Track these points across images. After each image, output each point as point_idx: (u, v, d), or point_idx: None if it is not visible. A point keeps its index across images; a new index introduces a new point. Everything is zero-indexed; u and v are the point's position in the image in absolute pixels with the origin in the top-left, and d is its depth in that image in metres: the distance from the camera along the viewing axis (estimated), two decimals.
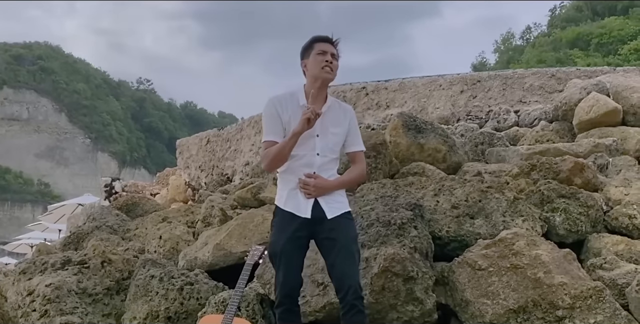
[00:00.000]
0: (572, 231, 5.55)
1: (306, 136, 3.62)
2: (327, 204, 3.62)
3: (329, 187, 3.64)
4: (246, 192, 7.86)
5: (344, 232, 3.59)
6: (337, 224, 3.59)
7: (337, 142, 3.73)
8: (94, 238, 7.24)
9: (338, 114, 3.76)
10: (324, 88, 3.74)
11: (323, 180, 3.62)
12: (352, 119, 3.82)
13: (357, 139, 3.82)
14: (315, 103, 3.67)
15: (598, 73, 10.34)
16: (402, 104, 11.17)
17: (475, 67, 53.09)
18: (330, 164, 3.70)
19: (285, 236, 3.62)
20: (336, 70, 3.73)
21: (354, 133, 3.81)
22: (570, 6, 53.49)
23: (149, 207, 10.44)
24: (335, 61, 3.71)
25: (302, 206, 3.62)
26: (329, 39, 3.76)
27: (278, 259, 3.63)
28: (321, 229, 3.59)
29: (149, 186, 17.46)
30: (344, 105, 3.93)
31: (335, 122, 3.72)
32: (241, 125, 13.88)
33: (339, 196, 3.70)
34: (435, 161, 7.34)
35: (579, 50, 39.57)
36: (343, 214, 3.64)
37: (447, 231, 5.34)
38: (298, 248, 3.63)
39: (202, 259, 5.99)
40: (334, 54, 3.71)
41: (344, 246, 3.55)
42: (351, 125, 3.79)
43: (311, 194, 3.60)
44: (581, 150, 7.62)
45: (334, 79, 3.74)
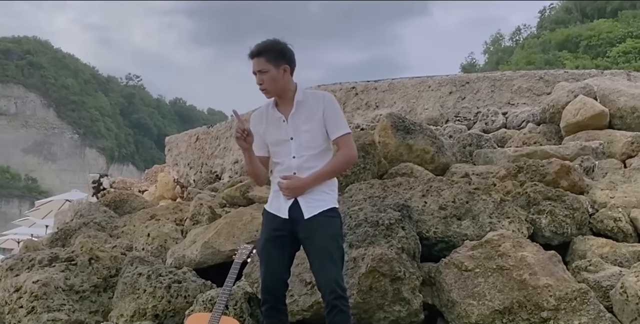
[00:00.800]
0: (557, 233, 5.61)
1: (282, 142, 3.68)
2: (306, 204, 3.61)
3: (304, 185, 3.61)
4: (235, 190, 7.88)
5: (322, 231, 3.57)
6: (315, 223, 3.58)
7: (312, 137, 3.66)
8: (82, 235, 7.25)
9: (310, 108, 3.67)
10: (283, 95, 3.69)
11: (296, 180, 3.61)
12: (327, 106, 3.68)
13: (337, 125, 3.68)
14: (285, 107, 3.69)
15: (585, 76, 10.42)
16: (392, 104, 11.21)
17: (464, 68, 53.27)
18: (311, 162, 3.65)
19: (266, 235, 3.68)
20: (270, 82, 3.62)
21: (331, 120, 3.67)
22: (560, 8, 53.77)
23: (137, 204, 10.44)
24: (264, 75, 3.61)
25: (281, 206, 3.66)
26: (250, 56, 3.67)
27: (260, 258, 3.70)
28: (300, 228, 3.61)
29: (137, 183, 17.42)
30: (318, 94, 3.79)
31: (306, 118, 3.66)
32: (231, 123, 13.87)
33: (321, 194, 3.65)
34: (423, 162, 7.38)
35: (568, 52, 39.79)
36: (323, 212, 3.61)
37: (434, 231, 5.38)
38: (278, 247, 3.65)
39: (190, 257, 6.00)
40: (259, 70, 3.61)
41: (322, 245, 3.55)
42: (327, 113, 3.66)
43: (288, 195, 3.62)
44: (568, 153, 7.68)
45: (276, 90, 3.66)
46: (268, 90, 3.65)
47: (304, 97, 3.71)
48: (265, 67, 3.62)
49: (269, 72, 3.62)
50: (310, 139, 3.66)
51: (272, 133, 3.70)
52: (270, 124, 3.71)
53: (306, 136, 3.66)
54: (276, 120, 3.71)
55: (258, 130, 3.72)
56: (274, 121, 3.71)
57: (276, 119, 3.71)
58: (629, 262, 5.20)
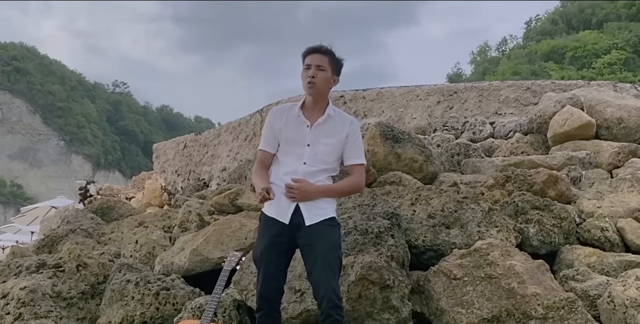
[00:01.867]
0: (545, 242, 5.65)
1: (297, 146, 3.71)
2: (308, 211, 3.64)
3: (315, 192, 3.65)
4: (223, 198, 7.87)
5: (323, 240, 3.60)
6: (315, 231, 3.61)
7: (328, 152, 3.72)
8: (70, 242, 7.21)
9: (336, 125, 3.75)
10: (318, 100, 3.76)
11: (308, 184, 3.64)
12: (352, 131, 3.77)
13: (356, 152, 3.78)
14: (312, 114, 3.74)
15: (572, 87, 10.49)
16: (380, 113, 11.24)
17: (450, 78, 53.66)
18: (319, 174, 3.70)
19: (266, 241, 3.67)
20: (323, 81, 3.70)
21: (352, 145, 3.76)
22: (546, 19, 54.32)
23: (124, 211, 10.40)
24: (321, 72, 3.69)
25: (282, 211, 3.66)
26: (316, 50, 3.74)
27: (258, 264, 3.68)
28: (300, 235, 3.63)
29: (124, 190, 17.33)
30: (346, 117, 3.89)
31: (329, 133, 3.73)
32: (219, 130, 13.87)
33: (323, 203, 3.69)
34: (412, 171, 7.41)
35: (554, 63, 40.19)
36: (324, 220, 3.65)
37: (423, 240, 5.41)
38: (278, 253, 3.66)
39: (179, 264, 5.99)
40: (319, 65, 3.69)
41: (321, 253, 3.57)
42: (350, 137, 3.75)
43: (296, 197, 3.63)
44: (555, 162, 7.73)
45: (321, 91, 3.73)
46: (316, 85, 3.69)
47: (334, 113, 3.78)
48: (325, 65, 3.70)
49: (325, 72, 3.70)
50: (327, 153, 3.72)
51: (290, 133, 3.73)
52: (289, 123, 3.75)
53: (324, 149, 3.72)
54: (299, 122, 3.74)
55: (275, 125, 3.78)
56: (295, 122, 3.74)
57: (299, 121, 3.74)
58: (616, 271, 5.24)
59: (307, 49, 3.77)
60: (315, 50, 3.74)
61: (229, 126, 13.24)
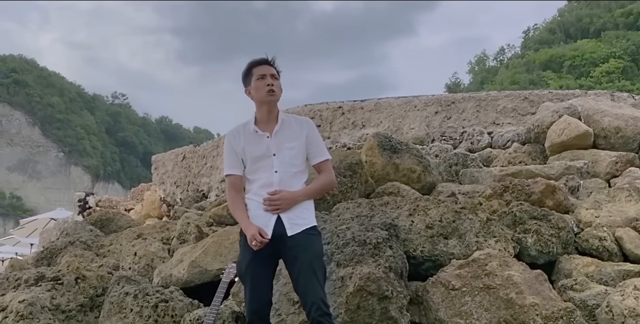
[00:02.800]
0: (543, 252, 5.65)
1: (263, 157, 3.74)
2: (289, 221, 3.65)
3: (295, 198, 3.68)
4: (222, 209, 7.87)
5: (305, 249, 3.61)
6: (298, 241, 3.62)
7: (295, 155, 3.76)
8: (68, 254, 7.21)
9: (293, 129, 3.80)
10: (273, 110, 3.81)
11: (288, 192, 3.67)
12: (310, 131, 3.83)
13: (320, 150, 3.84)
14: (268, 126, 3.78)
15: (570, 96, 10.53)
16: (378, 123, 11.28)
17: (449, 88, 53.74)
18: (292, 179, 3.73)
19: (250, 255, 3.66)
20: (279, 89, 3.80)
21: (314, 144, 3.82)
22: (544, 28, 54.48)
23: (123, 223, 10.42)
24: (276, 81, 3.78)
25: (263, 225, 3.66)
26: (265, 61, 3.82)
27: (244, 278, 3.69)
28: (283, 246, 3.64)
29: (123, 201, 17.32)
30: (300, 118, 3.95)
31: (290, 137, 3.77)
32: (217, 142, 13.89)
33: (304, 211, 3.72)
34: (410, 181, 7.43)
35: (552, 72, 40.29)
36: (305, 230, 3.66)
37: (421, 250, 5.41)
38: (263, 266, 3.67)
39: (178, 276, 5.99)
40: (273, 74, 3.78)
41: (305, 263, 3.58)
42: (310, 137, 3.81)
43: (280, 208, 3.65)
44: (553, 172, 7.74)
45: (278, 99, 3.81)
46: (276, 94, 3.78)
47: (287, 118, 3.84)
48: (277, 75, 3.81)
49: (278, 81, 3.81)
50: (293, 156, 3.75)
51: (253, 149, 3.76)
52: (249, 141, 3.78)
53: (289, 153, 3.75)
54: (257, 137, 3.78)
55: (236, 147, 3.81)
56: (254, 138, 3.78)
57: (257, 135, 3.78)
58: (614, 281, 5.25)
59: (255, 61, 3.85)
60: (265, 61, 3.83)
61: None
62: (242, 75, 3.87)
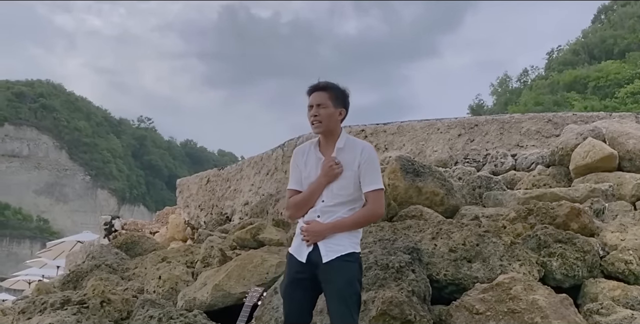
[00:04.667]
0: (568, 275, 5.60)
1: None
2: (325, 248, 3.65)
3: (323, 231, 3.66)
4: (245, 233, 7.91)
5: (339, 276, 3.60)
6: (332, 267, 3.62)
7: (344, 186, 3.70)
8: (94, 278, 7.27)
9: (346, 157, 3.73)
10: (328, 137, 3.78)
11: (316, 225, 3.67)
12: (363, 159, 3.72)
13: (369, 179, 3.72)
14: (327, 150, 3.77)
15: (594, 118, 10.46)
16: (401, 146, 11.28)
17: (472, 109, 53.59)
18: (337, 208, 3.70)
19: (290, 277, 3.72)
20: (326, 118, 3.72)
21: (365, 173, 3.71)
22: (567, 50, 54.25)
23: (148, 246, 10.49)
24: (323, 109, 3.71)
25: (301, 249, 3.72)
26: (313, 89, 3.78)
27: (283, 301, 3.73)
28: (319, 272, 3.65)
29: (148, 224, 17.47)
30: (357, 145, 3.81)
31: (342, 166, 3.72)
32: (241, 165, 13.97)
33: (341, 239, 3.68)
34: (433, 204, 7.41)
35: (576, 93, 40.03)
36: (341, 256, 3.64)
37: (444, 274, 5.39)
38: (301, 289, 3.69)
39: (201, 299, 6.02)
40: (319, 103, 3.72)
41: (338, 290, 3.59)
42: (363, 165, 3.71)
43: (308, 240, 3.67)
44: (578, 195, 7.69)
45: (327, 128, 3.74)
46: (322, 123, 3.72)
47: (345, 145, 3.76)
48: (325, 102, 3.72)
49: (327, 108, 3.72)
50: (341, 186, 3.72)
51: (310, 173, 3.77)
52: (309, 163, 3.79)
53: (338, 183, 3.72)
54: (317, 160, 3.78)
55: (299, 163, 3.83)
56: (314, 161, 3.78)
57: (317, 159, 3.78)
58: None
59: (308, 88, 3.80)
60: (315, 88, 3.78)
61: (251, 161, 13.34)
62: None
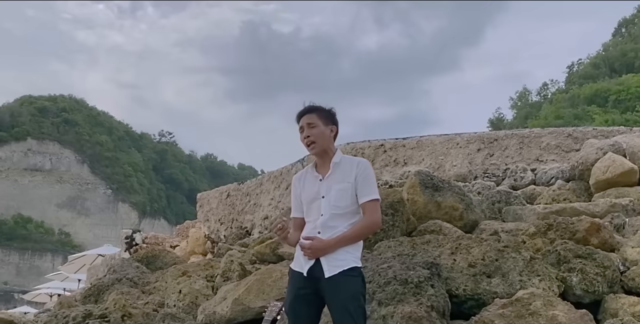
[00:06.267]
0: (589, 291, 5.57)
1: (314, 200, 3.81)
2: (327, 263, 3.67)
3: (326, 247, 3.67)
4: (265, 247, 7.96)
5: (342, 291, 3.61)
6: (335, 282, 3.62)
7: (340, 197, 3.75)
8: (115, 292, 7.34)
9: (343, 170, 3.80)
10: (324, 156, 3.85)
11: (318, 241, 3.68)
12: (359, 171, 3.78)
13: (366, 190, 3.76)
14: (323, 168, 3.85)
15: (614, 133, 10.42)
16: (420, 161, 11.28)
17: (492, 123, 53.38)
18: (335, 221, 3.73)
19: (293, 293, 3.74)
20: (319, 136, 3.80)
21: (362, 184, 3.76)
22: (588, 63, 53.97)
23: (168, 260, 10.58)
24: (313, 129, 3.79)
25: (302, 264, 3.74)
26: (301, 113, 3.87)
27: (288, 317, 3.76)
28: (322, 287, 3.66)
29: (168, 238, 17.57)
30: (354, 160, 3.91)
31: (339, 179, 3.78)
32: (261, 180, 14.05)
33: (342, 254, 3.69)
34: (452, 219, 7.41)
35: (597, 106, 39.74)
36: (343, 271, 3.64)
37: (464, 289, 5.39)
38: (305, 305, 3.70)
39: (221, 313, 6.06)
40: (309, 123, 3.80)
41: (342, 304, 3.60)
42: (359, 177, 3.77)
43: (309, 255, 3.69)
44: (598, 210, 7.66)
45: (322, 147, 3.82)
46: (316, 143, 3.79)
47: (341, 160, 3.85)
48: (315, 122, 3.81)
49: (317, 127, 3.81)
50: (339, 198, 3.76)
51: (307, 191, 3.85)
52: (306, 183, 3.88)
53: (335, 195, 3.76)
54: (313, 179, 3.86)
55: (296, 190, 3.92)
56: (311, 180, 3.87)
57: (313, 177, 3.86)
58: None
59: (296, 115, 3.91)
60: (302, 113, 3.88)
61: (271, 175, 13.42)
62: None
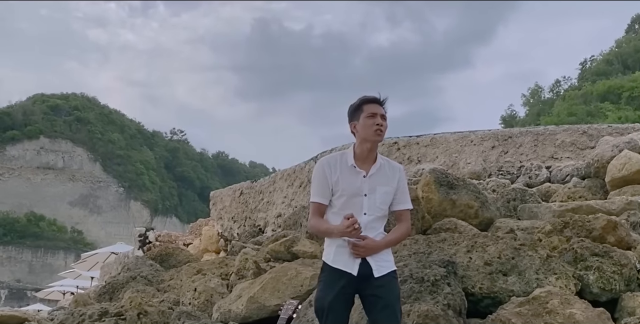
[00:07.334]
0: (606, 289, 5.53)
1: (355, 197, 3.74)
2: (375, 263, 3.69)
3: (377, 248, 3.70)
4: (279, 245, 7.94)
5: (390, 291, 3.66)
6: (383, 282, 3.66)
7: (385, 201, 3.77)
8: (131, 290, 7.37)
9: (387, 173, 3.81)
10: (374, 149, 3.82)
11: (372, 241, 3.68)
12: (401, 178, 3.85)
13: (405, 197, 3.85)
14: (364, 164, 3.78)
15: (630, 130, 10.36)
16: (434, 159, 11.26)
17: (504, 120, 53.18)
18: (377, 222, 3.75)
19: (334, 293, 3.68)
20: (386, 130, 3.79)
21: (401, 191, 3.83)
22: (601, 60, 53.63)
23: (182, 258, 10.61)
24: (384, 122, 3.78)
25: (350, 263, 3.70)
26: (377, 100, 3.81)
27: (325, 315, 3.69)
28: (368, 286, 3.67)
29: (181, 236, 17.63)
30: (394, 164, 3.94)
31: (384, 181, 3.77)
32: (274, 178, 14.06)
33: (386, 255, 3.76)
34: (467, 217, 7.38)
35: (610, 103, 39.46)
36: (390, 272, 3.71)
37: (480, 287, 5.36)
38: (345, 304, 3.70)
39: (236, 311, 6.06)
40: (383, 115, 3.78)
41: (388, 304, 3.62)
42: (400, 183, 3.82)
43: (360, 254, 3.67)
44: (614, 207, 7.60)
45: (381, 139, 3.81)
46: (383, 133, 3.79)
47: (384, 161, 3.85)
48: (385, 115, 3.82)
49: (386, 122, 3.81)
50: (383, 200, 3.77)
51: (348, 184, 3.75)
52: (345, 174, 3.77)
53: (381, 198, 3.76)
54: (355, 173, 3.77)
55: (330, 176, 3.78)
56: (351, 173, 3.77)
57: (355, 171, 3.77)
58: None
59: (368, 98, 3.83)
60: (377, 100, 3.83)
61: (284, 173, 13.42)
62: (351, 109, 3.87)
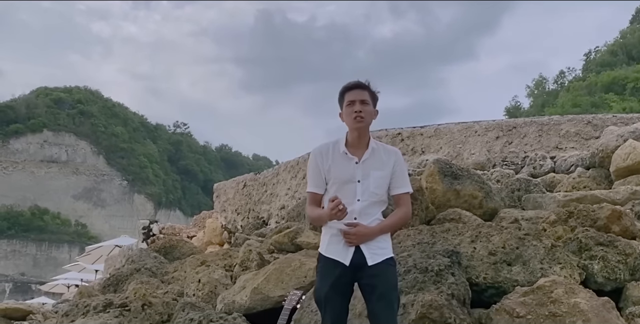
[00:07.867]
0: (610, 279, 5.52)
1: (347, 182, 3.71)
2: (369, 251, 3.65)
3: (371, 234, 3.66)
4: (283, 236, 7.94)
5: (384, 280, 3.61)
6: (377, 270, 3.62)
7: (380, 185, 3.73)
8: (135, 281, 7.37)
9: (381, 157, 3.77)
10: (363, 135, 3.79)
11: (363, 228, 3.65)
12: (397, 161, 3.80)
13: (402, 181, 3.80)
14: (357, 150, 3.76)
15: (634, 120, 10.31)
16: (438, 149, 11.24)
17: (509, 111, 53.09)
18: (372, 208, 3.72)
19: (329, 283, 3.66)
20: (369, 115, 3.76)
21: (399, 175, 3.79)
22: (605, 51, 53.44)
23: (186, 250, 10.61)
24: (366, 106, 3.74)
25: (342, 252, 3.67)
26: (356, 86, 3.79)
27: (323, 306, 3.69)
28: (362, 274, 3.64)
29: (185, 229, 17.64)
30: (389, 148, 3.91)
31: (378, 166, 3.75)
32: (277, 169, 14.05)
33: (382, 242, 3.71)
34: (471, 207, 7.37)
35: (615, 94, 39.36)
36: (385, 260, 3.66)
37: (484, 277, 5.35)
38: (342, 294, 3.68)
39: (240, 303, 6.06)
40: (363, 100, 3.74)
41: (383, 293, 3.59)
42: (396, 167, 3.78)
43: (353, 242, 3.64)
44: (619, 197, 7.58)
45: (367, 125, 3.78)
46: (365, 119, 3.74)
47: (377, 146, 3.82)
48: (367, 99, 3.77)
49: (369, 106, 3.77)
50: (377, 185, 3.73)
51: (340, 172, 3.74)
52: (337, 161, 3.76)
53: (374, 182, 3.72)
54: (346, 159, 3.76)
55: (321, 165, 3.78)
56: (343, 160, 3.76)
57: (346, 158, 3.76)
58: None
59: (346, 86, 3.82)
60: (356, 86, 3.80)
61: (288, 165, 13.41)
62: (338, 98, 3.87)
